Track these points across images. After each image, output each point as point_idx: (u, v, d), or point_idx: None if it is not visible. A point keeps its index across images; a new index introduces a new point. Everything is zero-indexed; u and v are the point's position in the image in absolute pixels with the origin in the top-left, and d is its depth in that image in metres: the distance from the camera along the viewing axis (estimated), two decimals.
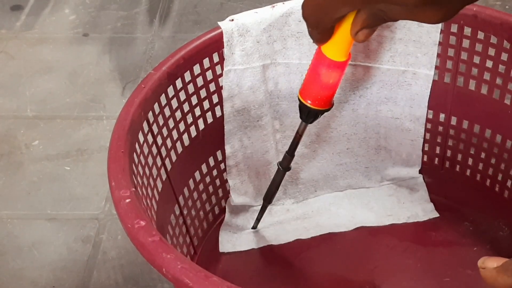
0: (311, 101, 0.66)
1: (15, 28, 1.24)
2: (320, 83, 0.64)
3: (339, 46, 0.61)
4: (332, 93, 0.66)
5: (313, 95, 0.65)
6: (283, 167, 0.75)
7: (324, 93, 0.65)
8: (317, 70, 0.64)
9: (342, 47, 0.61)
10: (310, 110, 0.66)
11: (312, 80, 0.65)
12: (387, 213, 0.83)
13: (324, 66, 0.63)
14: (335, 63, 0.63)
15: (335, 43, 0.61)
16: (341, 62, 0.63)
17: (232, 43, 0.72)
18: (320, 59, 0.63)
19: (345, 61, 0.63)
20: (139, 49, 1.18)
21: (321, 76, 0.64)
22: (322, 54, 0.62)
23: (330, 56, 0.62)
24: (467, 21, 0.73)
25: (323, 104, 0.66)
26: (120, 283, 0.81)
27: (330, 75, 0.63)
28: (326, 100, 0.66)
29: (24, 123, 1.04)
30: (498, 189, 0.80)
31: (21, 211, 0.90)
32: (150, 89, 0.65)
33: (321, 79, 0.64)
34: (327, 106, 0.67)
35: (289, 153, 0.73)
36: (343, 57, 0.63)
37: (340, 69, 0.64)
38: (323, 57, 0.62)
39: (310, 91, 0.66)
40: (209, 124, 0.76)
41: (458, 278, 0.75)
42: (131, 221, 0.52)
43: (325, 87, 0.65)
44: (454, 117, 0.80)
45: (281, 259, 0.79)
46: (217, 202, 0.81)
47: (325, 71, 0.63)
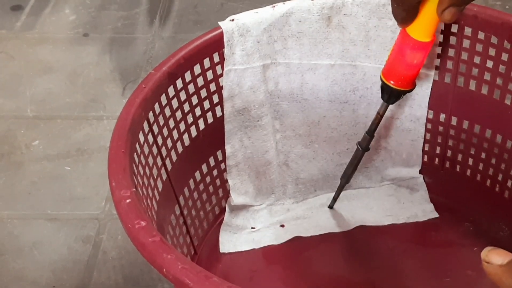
0: (394, 81, 0.68)
1: (15, 28, 1.24)
2: (404, 64, 0.66)
3: (424, 26, 0.62)
4: (416, 73, 0.67)
5: (396, 75, 0.67)
6: (362, 147, 0.76)
7: (408, 73, 0.67)
8: (402, 51, 0.65)
9: (427, 27, 0.62)
10: (393, 90, 0.68)
11: (396, 61, 0.66)
12: (386, 213, 0.83)
13: (408, 46, 0.64)
14: (420, 43, 0.64)
15: (420, 23, 0.62)
16: (426, 43, 0.64)
17: (232, 43, 0.72)
18: (404, 40, 0.64)
19: (430, 41, 0.64)
20: (140, 49, 1.18)
21: (405, 57, 0.65)
22: (406, 35, 0.64)
23: (415, 36, 0.63)
24: (467, 21, 0.73)
25: (406, 84, 0.68)
26: (120, 283, 0.81)
27: (414, 55, 0.65)
28: (409, 80, 0.67)
29: (24, 123, 1.04)
30: (499, 189, 0.80)
31: (22, 211, 0.90)
32: (150, 89, 0.65)
33: (406, 60, 0.65)
34: (410, 87, 0.68)
35: (368, 133, 0.75)
36: (428, 38, 0.63)
37: (425, 50, 0.65)
38: (408, 37, 0.64)
39: (394, 72, 0.67)
40: (209, 124, 0.76)
41: (458, 278, 0.75)
42: (132, 221, 0.51)
43: (409, 68, 0.66)
44: (454, 117, 0.80)
45: (281, 259, 0.79)
46: (217, 202, 0.81)
47: (410, 52, 0.65)
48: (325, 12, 0.74)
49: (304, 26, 0.75)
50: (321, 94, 0.78)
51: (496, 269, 0.45)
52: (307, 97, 0.78)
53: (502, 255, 0.45)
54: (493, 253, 0.45)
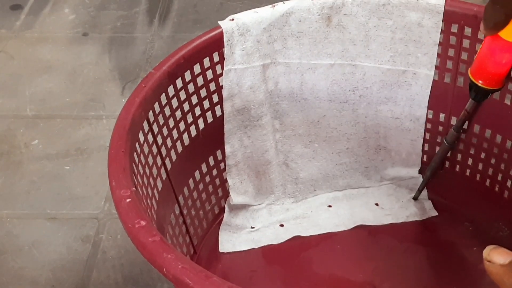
0: (483, 81, 0.69)
1: (14, 28, 1.24)
2: (493, 64, 0.68)
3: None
4: (505, 73, 0.69)
5: (485, 75, 0.69)
6: (448, 142, 0.78)
7: (497, 73, 0.68)
8: (492, 51, 0.67)
9: None
10: (481, 89, 0.70)
11: (485, 61, 0.68)
12: (386, 213, 0.83)
13: (498, 48, 0.66)
14: (509, 44, 0.65)
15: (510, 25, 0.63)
16: None
17: (232, 43, 0.72)
18: (494, 41, 0.66)
19: None
20: (139, 48, 1.18)
21: (495, 57, 0.67)
22: (497, 36, 0.65)
23: (506, 37, 0.64)
24: (467, 21, 0.73)
25: (494, 83, 0.69)
26: (120, 283, 0.81)
27: (503, 56, 0.67)
28: (498, 79, 0.69)
29: (23, 123, 1.04)
30: (498, 189, 0.80)
31: (21, 211, 0.90)
32: (150, 88, 0.65)
33: (495, 60, 0.67)
34: (499, 86, 0.70)
35: (455, 129, 0.77)
36: None
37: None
38: (498, 38, 0.65)
39: (483, 72, 0.69)
40: (209, 124, 0.76)
41: (458, 278, 0.75)
42: (132, 221, 0.51)
43: (498, 68, 0.68)
44: (454, 117, 0.80)
45: (280, 258, 0.79)
46: (217, 201, 0.81)
47: (499, 52, 0.66)
48: (325, 11, 0.74)
49: (304, 26, 0.75)
50: (320, 93, 0.78)
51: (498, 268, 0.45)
52: (306, 96, 0.78)
53: (504, 254, 0.45)
54: (495, 252, 0.45)
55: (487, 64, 0.68)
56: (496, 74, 0.69)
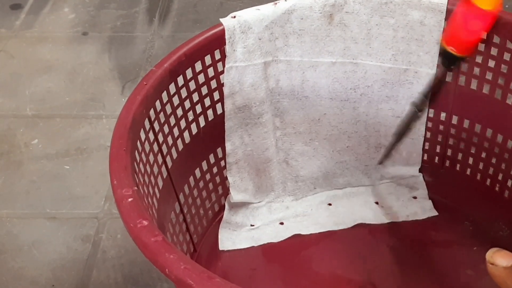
0: (455, 47, 0.69)
1: (14, 27, 1.24)
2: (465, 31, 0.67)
3: None
4: (476, 41, 0.69)
5: (457, 41, 0.69)
6: (418, 108, 0.76)
7: (468, 40, 0.68)
8: (464, 17, 0.67)
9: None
10: (452, 56, 0.69)
11: (457, 27, 0.68)
12: (386, 211, 0.83)
13: (470, 14, 0.66)
14: (482, 11, 0.66)
15: None
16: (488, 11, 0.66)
17: (234, 40, 0.72)
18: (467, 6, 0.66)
19: (492, 10, 0.66)
20: (139, 48, 1.18)
21: (467, 24, 0.67)
22: (469, 2, 0.66)
23: (478, 3, 0.65)
24: None
25: (465, 50, 0.69)
26: (120, 282, 0.81)
27: (475, 23, 0.67)
28: (469, 46, 0.69)
29: (23, 122, 1.04)
30: (498, 188, 0.80)
31: (21, 210, 0.90)
32: (151, 86, 0.65)
33: (467, 27, 0.67)
34: (469, 53, 0.70)
35: (424, 94, 0.76)
36: (491, 6, 0.66)
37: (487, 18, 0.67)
38: (470, 4, 0.65)
39: (454, 38, 0.69)
40: (210, 121, 0.76)
41: (458, 278, 0.75)
42: (134, 220, 0.51)
43: (470, 35, 0.68)
44: (455, 116, 0.80)
45: (280, 257, 0.79)
46: (217, 199, 0.81)
47: (472, 19, 0.66)
48: (327, 9, 0.74)
49: (306, 24, 0.74)
50: (322, 91, 0.78)
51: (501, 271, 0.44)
52: (307, 94, 0.78)
53: (507, 257, 0.45)
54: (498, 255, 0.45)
55: (459, 31, 0.68)
56: (468, 42, 0.68)
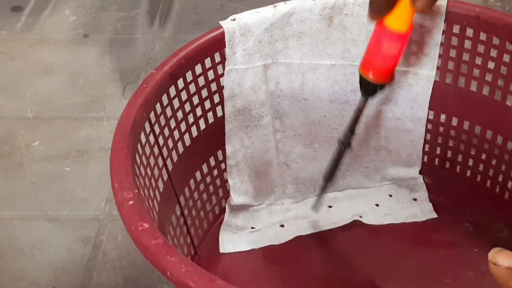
0: (372, 74, 0.67)
1: (15, 29, 1.24)
2: (381, 56, 0.65)
3: (399, 16, 0.62)
4: (393, 66, 0.67)
5: (374, 68, 0.67)
6: (343, 144, 0.75)
7: (385, 65, 0.66)
8: (378, 42, 0.65)
9: (403, 17, 0.62)
10: (370, 84, 0.67)
11: (373, 53, 0.66)
12: (385, 213, 0.83)
13: (385, 37, 0.64)
14: (396, 34, 0.64)
15: (396, 13, 0.62)
16: (402, 33, 0.64)
17: (233, 43, 0.72)
18: (380, 31, 0.64)
19: (406, 32, 0.64)
20: (139, 50, 1.18)
21: (382, 48, 0.65)
22: (382, 26, 0.64)
23: (391, 26, 0.63)
24: (469, 22, 0.73)
25: (383, 77, 0.67)
26: (120, 284, 0.81)
27: (391, 46, 0.65)
28: (386, 73, 0.67)
29: (24, 124, 1.04)
30: (499, 190, 0.80)
31: (22, 212, 0.90)
32: (152, 89, 0.65)
33: (382, 51, 0.65)
34: (387, 80, 0.68)
35: (349, 130, 0.74)
36: (404, 28, 0.63)
37: (401, 40, 0.65)
38: (384, 28, 0.64)
39: (371, 64, 0.67)
40: (210, 124, 0.76)
41: (459, 279, 0.75)
42: (135, 223, 0.51)
43: (386, 60, 0.66)
44: (455, 118, 0.80)
45: (281, 259, 0.79)
46: (217, 202, 0.81)
47: (386, 42, 0.64)
48: (326, 12, 0.74)
49: (306, 26, 0.75)
50: (321, 94, 0.78)
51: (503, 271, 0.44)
52: (307, 97, 0.78)
53: (509, 257, 0.44)
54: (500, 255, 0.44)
55: (375, 56, 0.66)
56: (384, 68, 0.67)
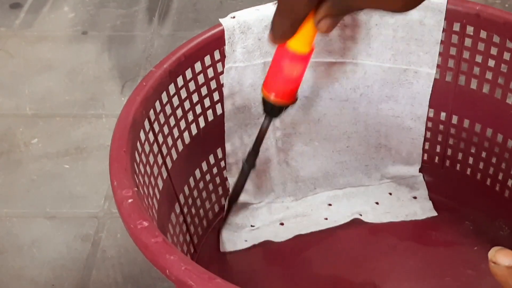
0: (275, 94, 0.64)
1: (14, 26, 1.24)
2: (283, 77, 0.63)
3: (302, 38, 0.60)
4: (296, 87, 0.64)
5: (276, 88, 0.64)
6: (248, 164, 0.72)
7: (288, 86, 0.64)
8: (280, 64, 0.62)
9: (306, 39, 0.60)
10: (273, 105, 0.65)
11: (275, 74, 0.63)
12: (385, 211, 0.83)
13: (287, 59, 0.62)
14: (298, 55, 0.61)
15: (299, 35, 0.59)
16: (304, 55, 0.61)
17: (233, 41, 0.72)
18: (283, 52, 0.62)
19: (308, 53, 0.62)
20: (139, 47, 1.18)
21: (284, 70, 0.62)
22: (284, 48, 0.61)
23: (295, 48, 0.61)
24: (469, 20, 0.73)
25: (286, 98, 0.64)
26: (120, 282, 0.81)
27: (293, 68, 0.62)
28: (290, 93, 0.64)
29: (23, 121, 1.04)
30: (499, 188, 0.80)
31: (21, 210, 0.90)
32: (151, 87, 0.65)
33: (284, 73, 0.62)
34: (291, 100, 0.65)
35: (254, 149, 0.71)
36: (307, 49, 0.61)
37: (304, 62, 0.62)
38: (286, 50, 0.61)
39: (273, 85, 0.64)
40: (209, 122, 0.75)
41: (459, 278, 0.75)
42: (134, 221, 0.51)
43: (288, 81, 0.63)
44: (455, 116, 0.80)
45: (281, 258, 0.78)
46: (217, 200, 0.81)
47: (289, 64, 0.62)
48: None
49: None
50: (321, 92, 0.78)
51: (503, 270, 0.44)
52: (307, 95, 0.78)
53: (509, 256, 0.44)
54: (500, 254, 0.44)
55: (277, 77, 0.63)
56: (287, 89, 0.64)
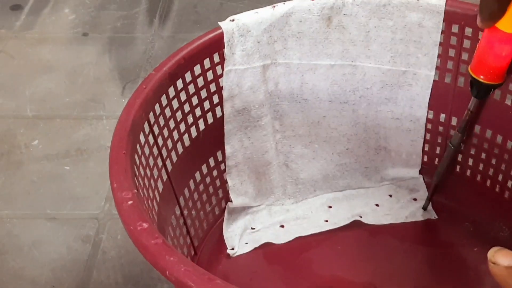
0: (484, 76, 0.68)
1: (14, 28, 1.24)
2: (493, 57, 0.66)
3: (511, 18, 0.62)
4: (505, 66, 0.67)
5: (485, 69, 0.67)
6: (453, 145, 0.77)
7: (497, 66, 0.67)
8: (490, 44, 0.65)
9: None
10: (482, 85, 0.68)
11: (485, 55, 0.66)
12: (385, 212, 0.83)
13: (497, 39, 0.65)
14: (509, 35, 0.64)
15: (507, 15, 0.62)
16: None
17: (232, 43, 0.72)
18: (492, 33, 0.65)
19: None
20: (139, 48, 1.18)
21: (494, 50, 0.65)
22: (494, 28, 0.64)
23: (504, 28, 0.63)
24: (468, 22, 0.73)
25: (495, 78, 0.68)
26: (120, 283, 0.81)
27: (503, 48, 0.65)
28: (499, 73, 0.67)
29: (23, 123, 1.04)
30: (499, 189, 0.80)
31: (21, 211, 0.90)
32: (151, 89, 0.65)
33: (495, 53, 0.66)
34: (500, 80, 0.68)
35: (460, 131, 0.76)
36: None
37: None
38: (496, 30, 0.64)
39: (483, 66, 0.67)
40: (209, 125, 0.76)
41: (459, 279, 0.75)
42: (134, 223, 0.51)
43: (498, 61, 0.66)
44: (454, 118, 0.80)
45: (281, 260, 0.78)
46: (217, 202, 0.81)
47: (498, 44, 0.65)
48: (325, 12, 0.74)
49: (304, 26, 0.74)
50: (321, 94, 0.78)
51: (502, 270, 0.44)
52: (307, 97, 0.78)
53: (509, 256, 0.44)
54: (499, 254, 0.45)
55: (487, 58, 0.67)
56: (497, 68, 0.67)
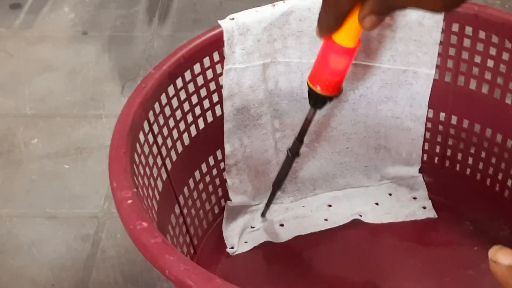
0: (320, 86, 0.66)
1: (14, 27, 1.24)
2: (329, 70, 0.65)
3: (348, 32, 0.61)
4: (341, 79, 0.66)
5: (322, 81, 0.66)
6: (292, 153, 0.74)
7: (333, 79, 0.66)
8: (327, 56, 0.64)
9: (351, 33, 0.62)
10: (319, 96, 0.67)
11: (322, 66, 0.65)
12: (385, 211, 0.83)
13: (333, 52, 0.63)
14: (345, 49, 0.63)
15: (345, 30, 0.61)
16: (350, 49, 0.63)
17: (232, 42, 0.72)
18: (329, 45, 0.64)
19: (354, 47, 0.63)
20: (139, 47, 1.18)
21: (330, 63, 0.64)
22: (332, 41, 0.63)
23: (339, 42, 0.62)
24: (468, 21, 0.73)
25: (331, 90, 0.67)
26: (120, 282, 0.81)
27: (339, 61, 0.64)
28: (334, 86, 0.66)
29: (23, 122, 1.04)
30: (499, 188, 0.80)
31: (21, 210, 0.90)
32: (150, 88, 0.65)
33: (330, 66, 0.64)
34: (335, 92, 0.67)
35: (298, 139, 0.73)
36: (352, 44, 0.63)
37: (350, 56, 0.64)
38: (332, 43, 0.63)
39: (319, 77, 0.66)
40: (209, 123, 0.76)
41: (459, 278, 0.75)
42: (133, 222, 0.51)
43: (334, 74, 0.65)
44: (454, 116, 0.80)
45: (281, 258, 0.78)
46: (217, 201, 0.81)
47: (335, 57, 0.64)
48: None
49: (304, 25, 0.74)
50: None
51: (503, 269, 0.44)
52: (306, 96, 0.78)
53: (510, 255, 0.43)
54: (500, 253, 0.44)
55: (324, 69, 0.66)
56: (332, 80, 0.66)
